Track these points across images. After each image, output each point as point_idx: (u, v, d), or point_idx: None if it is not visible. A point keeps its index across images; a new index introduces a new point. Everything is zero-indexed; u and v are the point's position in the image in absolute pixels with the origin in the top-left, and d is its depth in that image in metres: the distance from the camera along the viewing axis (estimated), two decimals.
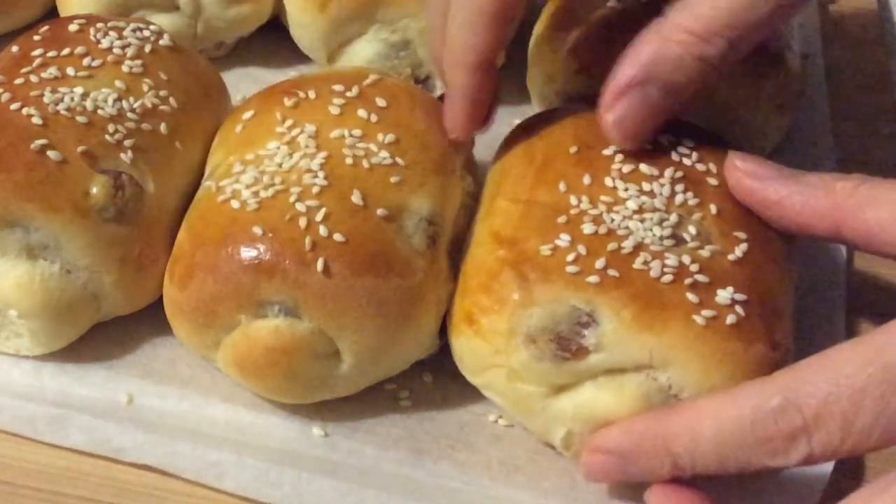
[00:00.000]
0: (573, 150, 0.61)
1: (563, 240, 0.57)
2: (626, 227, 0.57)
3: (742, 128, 0.74)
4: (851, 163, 0.80)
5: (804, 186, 0.55)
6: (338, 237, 0.57)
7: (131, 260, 0.62)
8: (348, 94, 0.65)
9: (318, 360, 0.59)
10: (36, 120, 0.61)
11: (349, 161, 0.61)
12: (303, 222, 0.58)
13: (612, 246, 0.56)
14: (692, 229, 0.58)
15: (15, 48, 0.68)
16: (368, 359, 0.59)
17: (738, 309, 0.54)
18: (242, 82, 0.82)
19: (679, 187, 0.59)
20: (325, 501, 0.58)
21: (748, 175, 0.57)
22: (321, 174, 0.60)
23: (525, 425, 0.59)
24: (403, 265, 0.59)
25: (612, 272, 0.55)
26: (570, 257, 0.56)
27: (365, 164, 0.61)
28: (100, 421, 0.60)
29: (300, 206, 0.58)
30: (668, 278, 0.55)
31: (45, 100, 0.63)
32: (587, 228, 0.57)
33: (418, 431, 0.61)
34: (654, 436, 0.51)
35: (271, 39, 0.84)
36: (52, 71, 0.65)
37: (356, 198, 0.59)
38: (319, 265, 0.57)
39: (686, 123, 0.64)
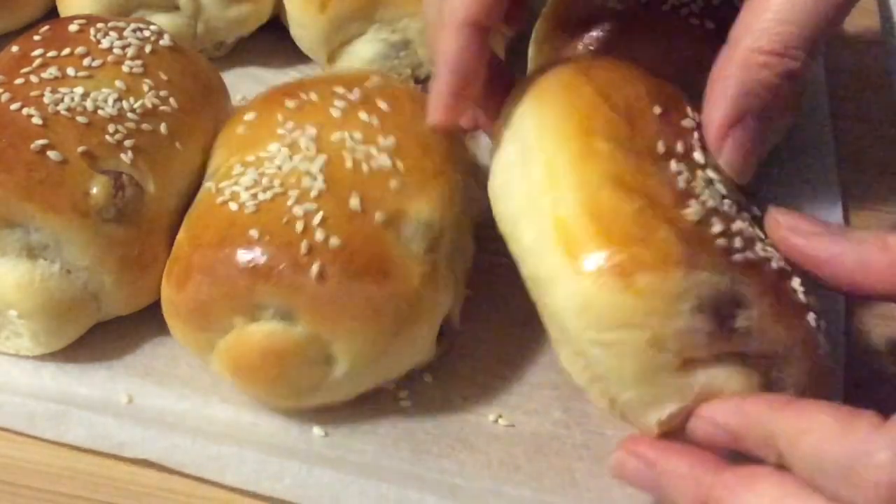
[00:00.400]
0: (657, 110, 0.58)
1: (693, 207, 0.53)
2: (727, 210, 0.55)
3: None
4: (851, 163, 0.80)
5: (856, 243, 0.52)
6: (334, 242, 0.57)
7: (131, 260, 0.62)
8: (350, 96, 0.64)
9: (312, 364, 0.58)
10: (36, 120, 0.61)
11: (349, 164, 0.60)
12: (299, 226, 0.58)
13: (735, 226, 0.54)
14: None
15: (15, 48, 0.68)
16: (363, 365, 0.59)
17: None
18: (242, 82, 0.82)
19: None
20: (327, 493, 0.58)
21: (792, 231, 0.55)
22: (320, 177, 0.60)
23: (627, 395, 0.53)
24: (400, 271, 0.58)
25: (749, 254, 0.53)
26: (716, 229, 0.53)
27: (364, 167, 0.61)
28: (100, 417, 0.60)
29: (297, 210, 0.58)
30: (775, 266, 0.54)
31: (46, 100, 0.63)
32: (709, 202, 0.54)
33: (418, 431, 0.61)
34: (765, 422, 0.50)
35: (271, 39, 0.85)
36: (52, 71, 0.65)
37: (354, 202, 0.59)
38: (314, 270, 0.57)
39: None
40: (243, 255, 0.57)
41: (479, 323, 0.66)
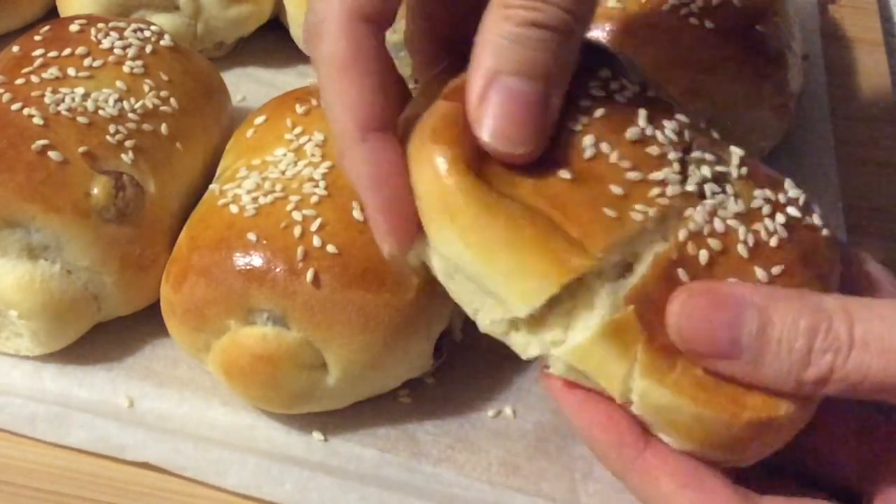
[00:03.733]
0: None
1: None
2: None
3: (742, 128, 0.74)
4: (851, 163, 0.80)
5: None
6: (331, 248, 0.57)
7: (132, 260, 0.62)
8: None
9: (304, 371, 0.58)
10: (37, 120, 0.61)
11: None
12: (297, 231, 0.58)
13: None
14: None
15: (16, 48, 0.68)
16: (356, 373, 0.59)
17: None
18: (242, 82, 0.82)
19: None
20: (327, 499, 0.58)
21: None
22: (322, 184, 0.60)
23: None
24: (396, 281, 0.58)
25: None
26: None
27: None
28: (100, 419, 0.60)
29: (297, 215, 0.58)
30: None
31: (46, 100, 0.63)
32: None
33: (418, 431, 0.61)
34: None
35: (271, 39, 0.85)
36: (52, 71, 0.65)
37: (355, 210, 0.59)
38: (309, 275, 0.57)
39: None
40: (239, 258, 0.58)
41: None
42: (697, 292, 0.46)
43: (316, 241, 0.57)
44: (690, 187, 0.49)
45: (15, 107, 0.62)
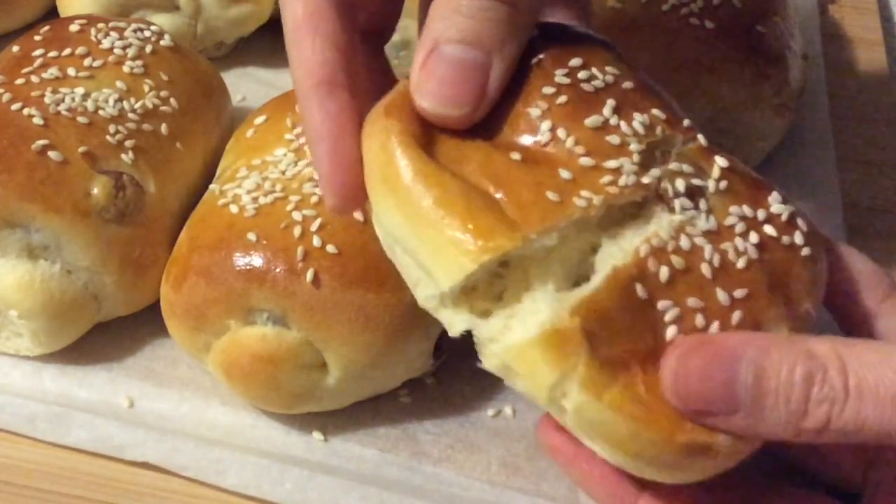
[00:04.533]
0: None
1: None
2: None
3: (742, 128, 0.74)
4: (851, 163, 0.80)
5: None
6: (331, 248, 0.57)
7: (132, 260, 0.62)
8: None
9: (304, 370, 0.58)
10: (37, 120, 0.62)
11: None
12: (297, 231, 0.58)
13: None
14: None
15: (15, 48, 0.68)
16: (356, 373, 0.59)
17: None
18: (242, 82, 0.82)
19: None
20: (327, 499, 0.58)
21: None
22: None
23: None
24: (396, 281, 0.57)
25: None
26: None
27: None
28: (101, 419, 0.60)
29: (297, 215, 0.58)
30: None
31: (46, 100, 0.63)
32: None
33: (418, 431, 0.61)
34: None
35: (271, 39, 0.84)
36: (52, 71, 0.65)
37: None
38: (309, 275, 0.57)
39: None
40: (239, 258, 0.58)
41: None
42: (689, 350, 0.46)
43: (316, 241, 0.57)
44: (647, 180, 0.48)
45: (15, 107, 0.62)
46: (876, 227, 0.76)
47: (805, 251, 0.49)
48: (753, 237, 0.49)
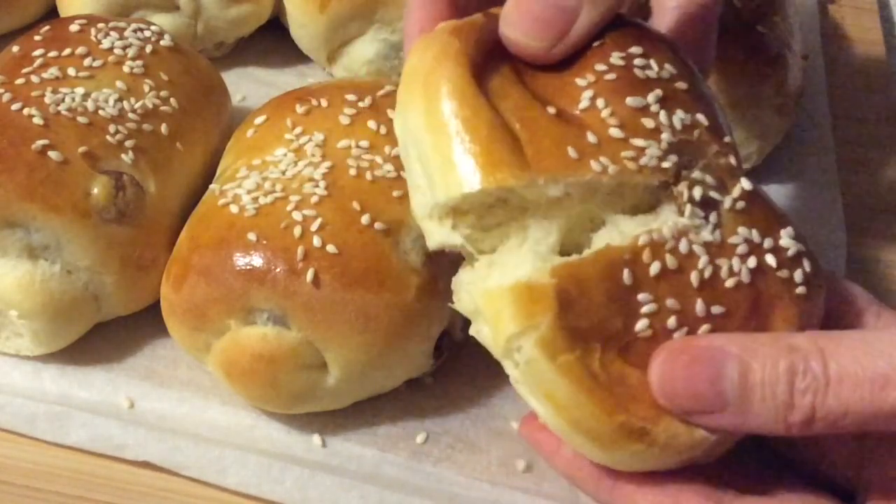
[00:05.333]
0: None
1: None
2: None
3: (742, 128, 0.74)
4: (851, 163, 0.80)
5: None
6: (331, 248, 0.57)
7: (132, 260, 0.62)
8: (360, 104, 0.64)
9: (304, 370, 0.58)
10: (37, 120, 0.62)
11: (352, 172, 0.60)
12: (297, 231, 0.58)
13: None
14: None
15: (16, 48, 0.68)
16: (356, 373, 0.59)
17: None
18: (242, 82, 0.82)
19: None
20: (327, 498, 0.58)
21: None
22: (322, 184, 0.60)
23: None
24: (396, 281, 0.58)
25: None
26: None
27: (368, 175, 0.60)
28: (101, 419, 0.60)
29: (297, 215, 0.58)
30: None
31: (47, 100, 0.63)
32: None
33: (418, 431, 0.61)
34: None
35: (271, 39, 0.85)
36: (53, 71, 0.65)
37: (355, 210, 0.59)
38: (309, 275, 0.57)
39: None
40: (239, 258, 0.58)
41: None
42: (676, 351, 0.47)
43: (316, 241, 0.57)
44: (667, 164, 0.49)
45: (15, 107, 0.62)
46: (876, 227, 0.77)
47: (800, 290, 0.50)
48: (752, 262, 0.50)
